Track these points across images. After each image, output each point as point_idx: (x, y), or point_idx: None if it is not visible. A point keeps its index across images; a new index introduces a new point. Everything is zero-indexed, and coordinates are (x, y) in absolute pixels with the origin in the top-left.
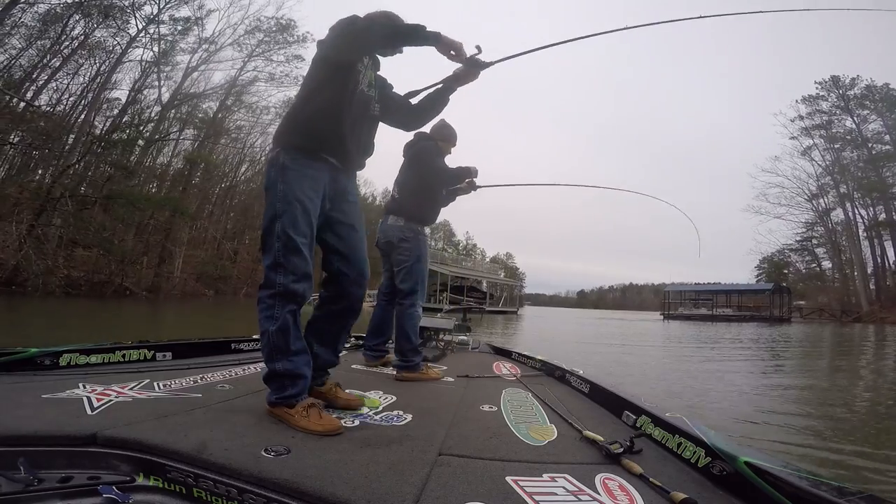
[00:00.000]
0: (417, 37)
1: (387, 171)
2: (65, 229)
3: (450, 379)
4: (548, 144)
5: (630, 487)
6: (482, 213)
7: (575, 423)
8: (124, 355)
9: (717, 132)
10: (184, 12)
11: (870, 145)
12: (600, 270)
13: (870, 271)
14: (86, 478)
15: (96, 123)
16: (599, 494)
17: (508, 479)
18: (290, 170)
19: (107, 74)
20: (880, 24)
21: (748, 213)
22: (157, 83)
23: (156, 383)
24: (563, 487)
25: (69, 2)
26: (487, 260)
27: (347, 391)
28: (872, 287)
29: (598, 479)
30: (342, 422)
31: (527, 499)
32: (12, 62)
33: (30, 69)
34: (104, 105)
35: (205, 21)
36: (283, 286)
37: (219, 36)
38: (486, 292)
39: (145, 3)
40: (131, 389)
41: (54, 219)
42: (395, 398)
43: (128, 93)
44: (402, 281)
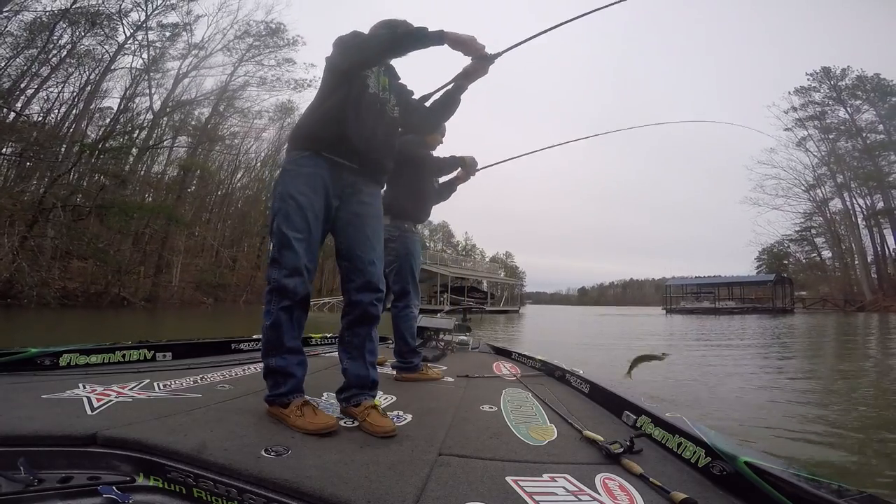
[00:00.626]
0: (419, 40)
1: None
2: (58, 240)
3: (450, 379)
4: (545, 140)
5: (630, 487)
6: (481, 214)
7: (575, 423)
8: (124, 355)
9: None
10: (172, 18)
11: (864, 135)
12: (600, 267)
13: (869, 260)
14: (86, 478)
15: (89, 133)
16: (599, 494)
17: (508, 479)
18: (288, 170)
19: (96, 83)
20: (871, 15)
21: (746, 204)
22: (148, 91)
23: (156, 383)
24: (563, 487)
25: (55, 10)
26: (487, 260)
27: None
28: (874, 276)
29: (598, 479)
30: (342, 422)
31: (527, 499)
32: (1, 72)
33: (17, 78)
34: (96, 114)
35: (194, 27)
36: (276, 281)
37: (208, 41)
38: (486, 292)
39: (132, 10)
40: (131, 389)
41: (47, 230)
42: (395, 398)
43: (119, 101)
44: (393, 283)
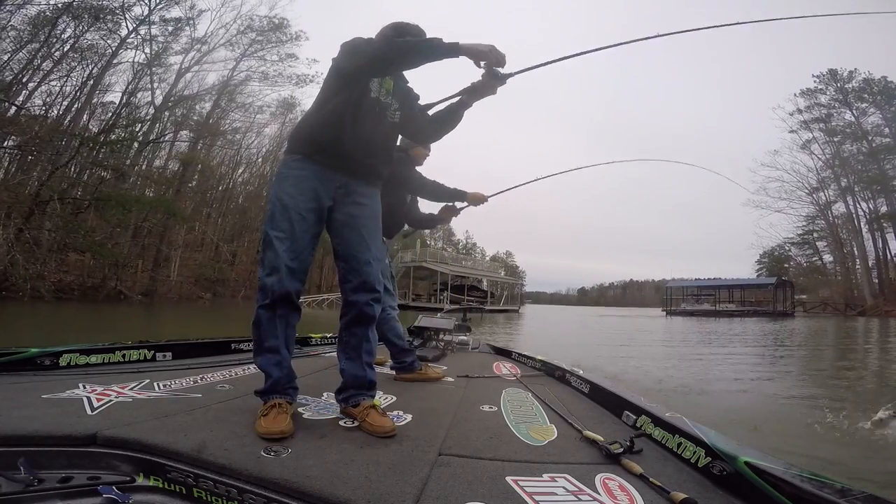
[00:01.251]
0: (432, 53)
1: None
2: (55, 233)
3: (450, 379)
4: (546, 142)
5: (630, 487)
6: (482, 212)
7: (575, 423)
8: (124, 355)
9: (714, 128)
10: (175, 13)
11: (869, 138)
12: (600, 267)
13: (871, 264)
14: (86, 478)
15: (91, 127)
16: (599, 494)
17: (508, 479)
18: (279, 174)
19: (98, 77)
20: (878, 20)
21: (748, 207)
22: (150, 85)
23: (156, 383)
24: (563, 487)
25: (58, 4)
26: (487, 259)
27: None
28: (875, 280)
29: (598, 479)
30: (341, 422)
31: (527, 499)
32: (3, 66)
33: (19, 72)
34: (98, 109)
35: (196, 21)
36: (259, 280)
37: (211, 36)
38: (486, 291)
39: (135, 4)
40: (131, 389)
41: (44, 222)
42: (394, 398)
43: (121, 95)
44: None
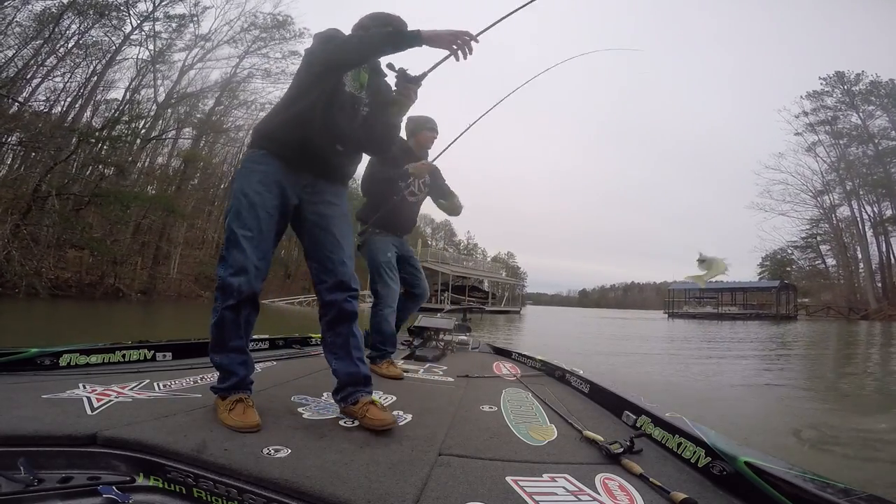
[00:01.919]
0: (396, 45)
1: None
2: (52, 229)
3: (450, 379)
4: (548, 142)
5: (630, 487)
6: (483, 213)
7: (575, 423)
8: (124, 355)
9: (719, 130)
10: (179, 9)
11: (876, 141)
12: (602, 269)
13: (874, 268)
14: (86, 478)
15: (94, 124)
16: (599, 494)
17: (508, 479)
18: (243, 168)
19: (101, 73)
20: (886, 19)
21: (752, 209)
22: (153, 82)
23: (156, 383)
24: (563, 487)
25: (63, 1)
26: (489, 259)
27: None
28: (878, 284)
29: (598, 479)
30: (341, 422)
31: (527, 499)
32: (8, 62)
33: (22, 68)
34: (102, 106)
35: (201, 18)
36: (221, 279)
37: (215, 33)
38: (487, 292)
39: (139, 1)
40: (131, 390)
41: (42, 219)
42: (395, 398)
43: (124, 92)
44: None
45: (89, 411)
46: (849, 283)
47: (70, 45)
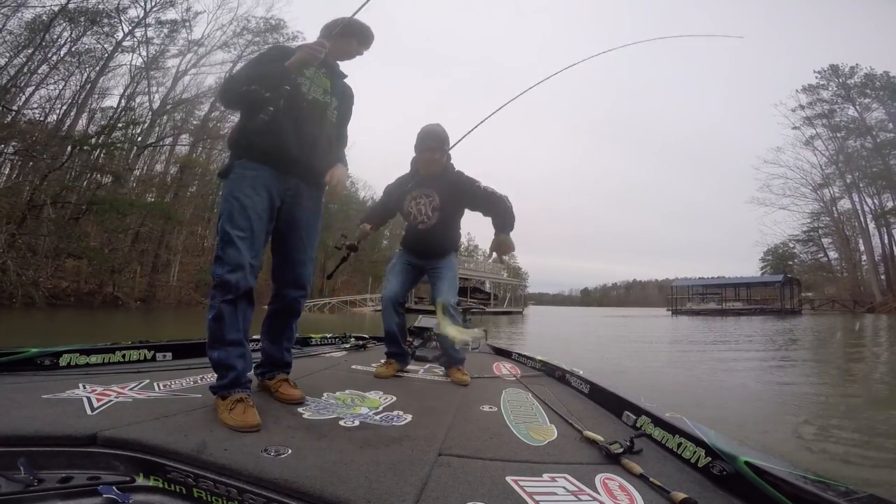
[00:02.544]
0: (269, 88)
1: None
2: (47, 237)
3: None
4: (549, 141)
5: (630, 487)
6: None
7: (575, 423)
8: (124, 355)
9: (714, 126)
10: (171, 15)
11: (874, 133)
12: (603, 268)
13: (877, 260)
14: (86, 478)
15: (90, 132)
16: (599, 494)
17: (508, 479)
18: (233, 173)
19: (94, 80)
20: (878, 12)
21: (752, 204)
22: (147, 89)
23: (156, 383)
24: (563, 487)
25: (54, 8)
26: (490, 261)
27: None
28: (882, 276)
29: (598, 479)
30: (341, 422)
31: (527, 499)
32: (0, 71)
33: (14, 76)
34: (97, 114)
35: (193, 24)
36: (219, 277)
37: (208, 38)
38: (489, 293)
39: (130, 7)
40: (131, 390)
41: (39, 228)
42: (395, 398)
43: (119, 99)
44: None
45: (89, 411)
46: (852, 276)
47: (62, 53)
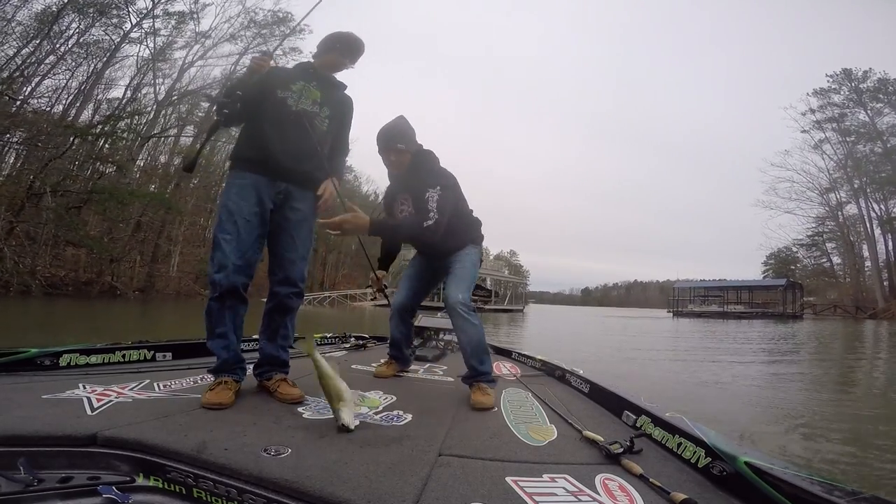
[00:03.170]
0: (227, 96)
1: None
2: (45, 226)
3: (450, 379)
4: (549, 140)
5: (630, 488)
6: (485, 212)
7: (575, 423)
8: (124, 356)
9: (717, 126)
10: (179, 6)
11: (884, 138)
12: (604, 268)
13: (881, 266)
14: (86, 478)
15: (93, 122)
16: (599, 495)
17: (508, 479)
18: (226, 184)
19: (99, 71)
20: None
21: (758, 207)
22: (153, 80)
23: (156, 384)
24: (563, 488)
25: (63, 0)
26: (491, 258)
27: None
28: (885, 283)
29: (598, 479)
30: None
31: (527, 499)
32: (9, 61)
33: (20, 66)
34: (104, 105)
35: (201, 16)
36: (209, 277)
37: (215, 30)
38: (490, 290)
39: None
40: (131, 390)
41: (37, 216)
42: (395, 398)
43: (124, 90)
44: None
45: (89, 411)
46: (855, 281)
47: (70, 44)
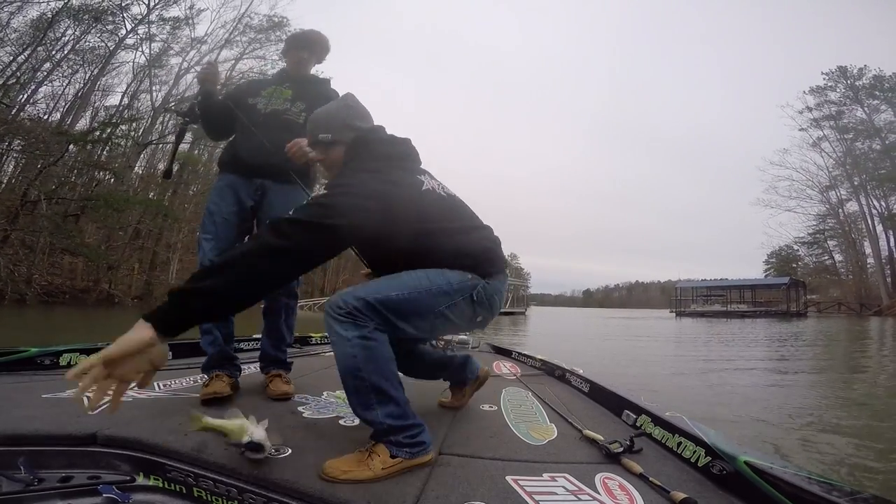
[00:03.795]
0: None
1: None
2: (39, 234)
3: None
4: (549, 142)
5: (630, 487)
6: (485, 213)
7: (575, 422)
8: None
9: (716, 125)
10: (174, 12)
11: (882, 135)
12: (605, 269)
13: (883, 263)
14: (86, 477)
15: (88, 129)
16: (599, 494)
17: (508, 478)
18: (212, 188)
19: (94, 78)
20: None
21: (758, 206)
22: (150, 87)
23: (156, 383)
24: (563, 487)
25: (57, 7)
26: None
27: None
28: (889, 279)
29: (597, 478)
30: (341, 421)
31: (527, 498)
32: (4, 69)
33: (16, 71)
34: (101, 112)
35: (196, 21)
36: None
37: (211, 35)
38: None
39: (132, 3)
40: (131, 389)
41: (34, 223)
42: None
43: (121, 96)
44: None
45: (89, 411)
46: (858, 278)
47: (66, 51)
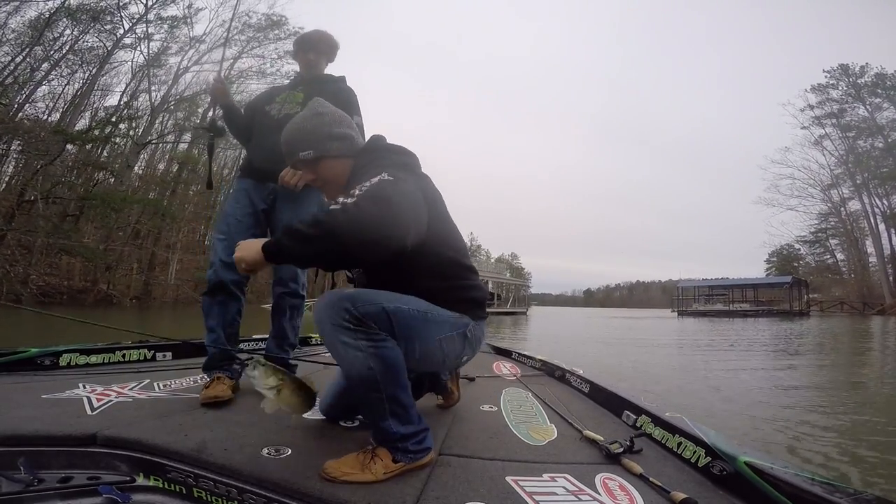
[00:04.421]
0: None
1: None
2: (36, 233)
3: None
4: (551, 142)
5: (630, 487)
6: (486, 214)
7: (575, 422)
8: (124, 355)
9: (717, 124)
10: (171, 11)
11: (885, 133)
12: (606, 269)
13: (886, 260)
14: (86, 478)
15: (86, 129)
16: (599, 494)
17: (508, 478)
18: (231, 192)
19: (92, 77)
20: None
21: (759, 205)
22: (148, 86)
23: (156, 383)
24: (563, 487)
25: (55, 6)
26: (493, 260)
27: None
28: (892, 278)
29: (598, 478)
30: (341, 421)
31: (527, 499)
32: (2, 69)
33: (10, 73)
34: (100, 112)
35: (194, 20)
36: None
37: (209, 34)
38: (493, 293)
39: (130, 3)
40: (131, 389)
41: (30, 223)
42: None
43: (120, 96)
44: None
45: (89, 411)
46: (860, 277)
47: (65, 51)
